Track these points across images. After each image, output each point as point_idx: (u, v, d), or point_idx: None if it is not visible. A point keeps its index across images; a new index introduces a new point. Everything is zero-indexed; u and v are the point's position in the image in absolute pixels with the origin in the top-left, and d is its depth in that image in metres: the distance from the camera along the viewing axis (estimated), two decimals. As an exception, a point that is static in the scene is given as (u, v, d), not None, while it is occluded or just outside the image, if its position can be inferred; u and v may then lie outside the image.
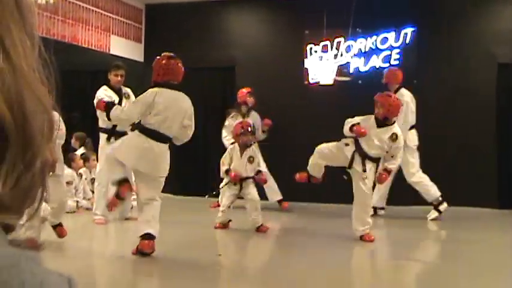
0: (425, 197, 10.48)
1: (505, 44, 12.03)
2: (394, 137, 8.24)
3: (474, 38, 12.24)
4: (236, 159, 9.38)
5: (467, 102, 12.00)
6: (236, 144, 9.52)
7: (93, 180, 10.64)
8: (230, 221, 9.37)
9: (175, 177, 13.68)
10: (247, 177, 9.34)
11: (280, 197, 11.61)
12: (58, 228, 7.62)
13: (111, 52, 12.81)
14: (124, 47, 13.33)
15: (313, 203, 11.71)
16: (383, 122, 8.35)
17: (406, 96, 10.39)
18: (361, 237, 8.22)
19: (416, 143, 10.57)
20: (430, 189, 10.39)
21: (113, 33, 12.94)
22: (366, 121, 8.37)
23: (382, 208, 10.80)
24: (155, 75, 7.18)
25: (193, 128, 7.38)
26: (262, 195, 10.70)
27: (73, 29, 11.59)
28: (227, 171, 9.34)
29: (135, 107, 7.09)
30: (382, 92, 8.84)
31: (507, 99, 12.13)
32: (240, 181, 9.29)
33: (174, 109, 7.00)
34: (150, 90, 7.03)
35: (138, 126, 6.99)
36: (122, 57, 12.71)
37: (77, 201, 10.70)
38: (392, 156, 8.31)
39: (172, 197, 13.00)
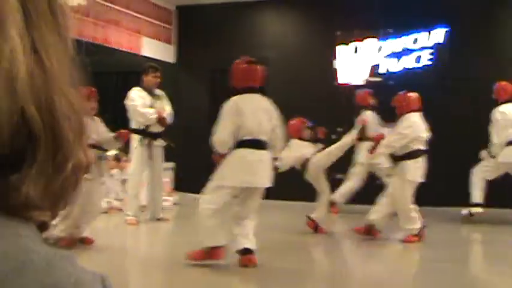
0: None
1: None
2: None
3: (509, 38, 12.13)
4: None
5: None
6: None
7: (124, 181, 10.70)
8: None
9: (207, 178, 13.78)
10: None
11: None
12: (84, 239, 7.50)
13: (142, 53, 12.87)
14: (155, 49, 13.38)
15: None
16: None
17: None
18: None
19: None
20: None
21: (144, 34, 13.01)
22: None
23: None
24: (234, 80, 6.88)
25: (281, 130, 6.88)
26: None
27: (104, 31, 11.67)
28: None
29: (224, 127, 6.49)
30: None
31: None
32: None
33: (261, 112, 6.60)
34: (229, 102, 6.64)
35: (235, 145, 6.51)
36: (153, 59, 12.76)
37: (109, 202, 10.76)
38: None
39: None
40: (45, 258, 0.60)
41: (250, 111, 6.47)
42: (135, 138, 9.61)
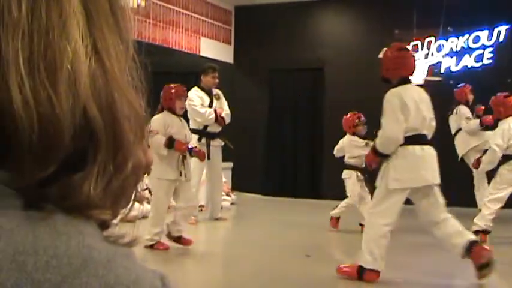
0: None
1: None
2: None
3: None
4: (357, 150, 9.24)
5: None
6: (351, 136, 9.35)
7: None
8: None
9: (265, 178, 13.82)
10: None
11: None
12: (181, 239, 7.52)
13: (201, 54, 12.96)
14: (214, 49, 13.46)
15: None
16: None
17: None
18: None
19: None
20: None
21: (203, 35, 13.09)
22: None
23: None
24: (384, 70, 6.29)
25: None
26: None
27: (164, 32, 11.78)
28: None
29: (392, 121, 5.93)
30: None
31: None
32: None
33: (425, 104, 6.05)
34: (389, 94, 6.08)
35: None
36: (212, 59, 12.82)
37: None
38: None
39: (262, 198, 13.10)
40: (106, 255, 0.61)
41: (415, 106, 5.93)
42: (193, 138, 9.66)
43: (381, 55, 6.49)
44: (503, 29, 12.04)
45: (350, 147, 9.23)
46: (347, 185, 9.13)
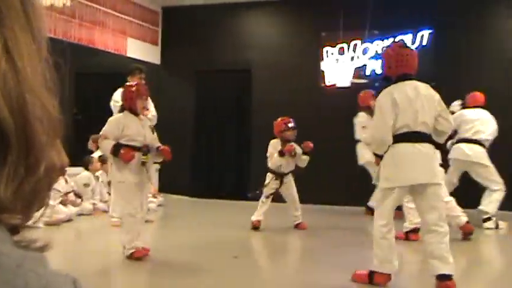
0: None
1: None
2: None
3: (493, 41, 12.21)
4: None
5: (488, 105, 11.94)
6: (278, 140, 9.53)
7: (109, 183, 10.66)
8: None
9: (193, 179, 13.78)
10: (289, 172, 9.51)
11: None
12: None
13: (128, 55, 12.85)
14: (141, 50, 13.37)
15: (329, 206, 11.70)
16: None
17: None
18: None
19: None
20: None
21: (129, 35, 12.98)
22: None
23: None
24: (386, 68, 6.16)
25: (449, 114, 6.20)
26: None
27: (90, 32, 11.64)
28: (281, 152, 9.32)
29: (379, 122, 5.86)
30: None
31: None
32: (281, 176, 9.39)
33: (421, 99, 5.88)
34: (381, 93, 5.99)
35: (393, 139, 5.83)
36: (138, 60, 12.74)
37: (94, 204, 10.73)
38: None
39: (189, 199, 13.06)
40: (15, 260, 0.59)
41: (407, 102, 5.80)
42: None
43: (382, 53, 6.40)
44: (426, 33, 12.27)
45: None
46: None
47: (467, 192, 9.86)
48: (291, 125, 9.49)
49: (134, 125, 7.05)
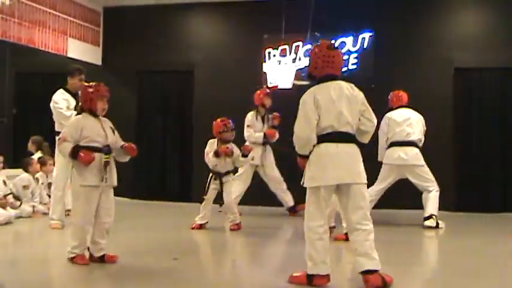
0: None
1: (461, 49, 12.24)
2: None
3: (431, 43, 12.43)
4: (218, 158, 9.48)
5: (424, 107, 12.08)
6: (215, 140, 9.58)
7: (49, 185, 10.53)
8: (207, 222, 9.61)
9: (134, 181, 13.68)
10: (227, 172, 9.53)
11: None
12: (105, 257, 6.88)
13: (69, 55, 12.71)
14: (82, 50, 13.23)
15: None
16: None
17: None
18: None
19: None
20: None
21: (70, 36, 12.84)
22: None
23: None
24: (312, 68, 6.05)
25: (372, 113, 6.19)
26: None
27: (29, 32, 11.48)
28: (216, 153, 9.35)
29: (303, 122, 5.83)
30: None
31: (464, 103, 12.34)
32: (220, 177, 9.40)
33: (345, 100, 5.89)
34: (304, 94, 5.94)
35: (319, 139, 5.83)
36: (79, 60, 12.62)
37: (33, 206, 10.58)
38: None
39: (130, 201, 12.97)
40: None
41: (330, 102, 5.80)
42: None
43: (309, 52, 6.22)
44: (367, 35, 12.40)
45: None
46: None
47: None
48: (229, 125, 9.54)
49: (94, 126, 6.87)
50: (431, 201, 10.12)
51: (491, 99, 12.23)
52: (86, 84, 7.26)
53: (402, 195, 10.68)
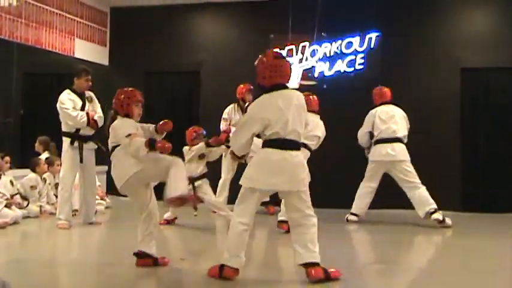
0: None
1: (468, 50, 12.22)
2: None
3: (437, 43, 12.41)
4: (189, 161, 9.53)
5: (431, 107, 12.14)
6: (189, 147, 9.68)
7: (57, 185, 10.54)
8: (176, 218, 9.90)
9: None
10: (199, 177, 9.52)
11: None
12: None
13: (76, 55, 12.74)
14: (88, 51, 13.25)
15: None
16: None
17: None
18: None
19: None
20: None
21: (77, 36, 12.86)
22: None
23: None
24: (260, 77, 6.21)
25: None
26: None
27: (37, 32, 11.51)
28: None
29: (244, 129, 6.05)
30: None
31: (470, 104, 12.31)
32: (191, 182, 9.35)
33: (293, 109, 5.99)
34: (255, 101, 6.19)
35: (264, 143, 6.02)
36: (86, 61, 12.64)
37: (41, 206, 10.59)
38: None
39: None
40: None
41: (279, 111, 5.94)
42: (66, 141, 9.49)
43: (256, 63, 6.37)
44: (373, 36, 12.39)
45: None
46: None
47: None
48: (200, 132, 9.66)
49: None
50: (427, 195, 10.18)
51: (498, 100, 12.20)
52: (120, 90, 7.07)
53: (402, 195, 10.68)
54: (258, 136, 6.11)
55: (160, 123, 7.07)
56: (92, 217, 9.87)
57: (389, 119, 10.42)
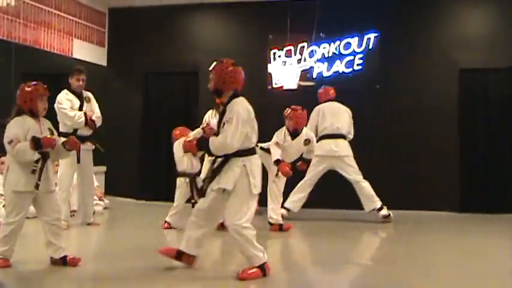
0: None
1: (466, 50, 12.21)
2: (307, 142, 9.67)
3: (436, 44, 12.41)
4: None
5: (429, 107, 12.14)
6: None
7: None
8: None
9: (139, 182, 13.69)
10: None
11: None
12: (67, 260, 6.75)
13: (74, 56, 12.73)
14: (87, 51, 13.24)
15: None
16: (295, 133, 9.64)
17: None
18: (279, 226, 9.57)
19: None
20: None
21: (75, 37, 12.86)
22: (280, 136, 9.67)
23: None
24: (220, 82, 6.79)
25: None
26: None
27: (35, 32, 11.50)
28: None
29: (238, 131, 6.27)
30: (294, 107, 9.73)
31: (468, 104, 12.29)
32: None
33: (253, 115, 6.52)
34: (241, 105, 6.49)
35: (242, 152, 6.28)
36: (84, 61, 12.63)
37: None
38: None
39: (135, 202, 12.98)
40: None
41: (252, 118, 6.45)
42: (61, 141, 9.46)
43: (212, 68, 6.96)
44: (372, 36, 12.39)
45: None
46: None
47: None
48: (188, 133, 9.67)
49: (36, 128, 6.56)
50: (371, 190, 10.48)
51: (497, 100, 12.20)
52: (24, 84, 6.86)
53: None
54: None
55: (69, 140, 6.84)
56: (90, 218, 9.87)
57: (334, 115, 10.81)
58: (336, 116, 10.77)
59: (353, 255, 8.14)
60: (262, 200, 8.83)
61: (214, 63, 6.88)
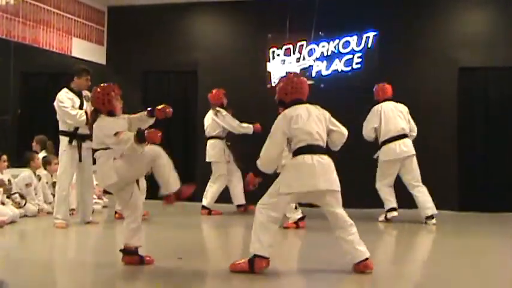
0: None
1: (466, 49, 12.21)
2: None
3: (435, 43, 12.42)
4: None
5: (428, 106, 12.13)
6: None
7: (54, 184, 10.54)
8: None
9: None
10: None
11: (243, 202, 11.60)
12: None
13: (73, 54, 12.72)
14: (86, 50, 13.23)
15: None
16: None
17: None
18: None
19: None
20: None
21: (74, 35, 12.85)
22: None
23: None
24: (282, 94, 6.77)
25: (339, 125, 6.81)
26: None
27: (34, 31, 11.49)
28: None
29: (273, 144, 6.52)
30: None
31: (468, 103, 12.30)
32: None
33: (313, 118, 6.53)
34: (280, 116, 6.59)
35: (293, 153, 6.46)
36: (83, 60, 12.63)
37: (39, 205, 10.57)
38: None
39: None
40: None
41: (302, 121, 6.45)
42: (63, 141, 9.47)
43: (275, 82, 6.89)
44: (371, 35, 12.39)
45: None
46: None
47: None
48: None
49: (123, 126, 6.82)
50: (428, 199, 10.44)
51: (496, 99, 12.22)
52: (97, 86, 6.97)
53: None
54: None
55: (159, 107, 7.36)
56: (89, 216, 9.87)
57: (396, 115, 10.56)
58: (398, 116, 10.55)
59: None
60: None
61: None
